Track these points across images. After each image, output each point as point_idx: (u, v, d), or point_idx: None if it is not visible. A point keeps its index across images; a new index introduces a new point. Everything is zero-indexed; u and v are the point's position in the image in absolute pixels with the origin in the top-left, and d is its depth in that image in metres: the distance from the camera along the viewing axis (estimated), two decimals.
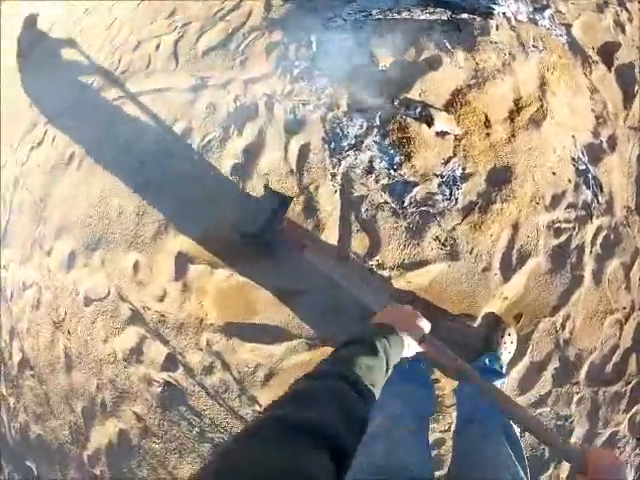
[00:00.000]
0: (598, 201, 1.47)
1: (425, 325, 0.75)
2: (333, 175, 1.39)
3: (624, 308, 1.50)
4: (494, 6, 1.45)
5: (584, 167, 1.45)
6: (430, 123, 1.32)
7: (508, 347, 1.35)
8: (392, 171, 1.36)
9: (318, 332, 1.36)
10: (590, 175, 1.45)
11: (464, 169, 1.35)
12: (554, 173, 1.41)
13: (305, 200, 1.39)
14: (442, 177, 1.34)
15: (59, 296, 1.52)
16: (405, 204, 1.34)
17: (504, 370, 1.31)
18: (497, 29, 1.43)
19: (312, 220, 1.38)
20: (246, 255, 1.36)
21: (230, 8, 1.73)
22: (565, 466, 1.48)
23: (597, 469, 0.66)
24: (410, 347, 0.71)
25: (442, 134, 1.34)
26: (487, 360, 1.30)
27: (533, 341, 1.41)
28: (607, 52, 1.62)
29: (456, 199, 1.33)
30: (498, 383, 1.25)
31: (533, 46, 1.45)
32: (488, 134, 1.34)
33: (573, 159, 1.45)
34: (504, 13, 1.47)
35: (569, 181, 1.44)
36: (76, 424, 1.50)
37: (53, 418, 1.53)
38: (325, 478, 0.37)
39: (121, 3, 1.89)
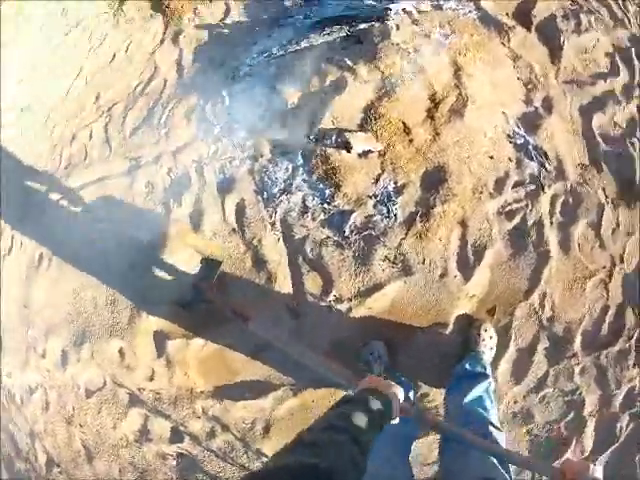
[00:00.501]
0: (546, 169, 1.40)
1: (399, 391, 0.82)
2: (272, 224, 1.40)
3: (604, 267, 1.44)
4: (391, 5, 1.40)
5: (522, 140, 1.39)
6: (349, 147, 1.30)
7: (488, 343, 1.33)
8: (326, 205, 1.35)
9: (297, 376, 1.40)
10: (531, 146, 1.39)
11: (396, 182, 1.33)
12: (491, 157, 1.36)
13: (252, 255, 1.41)
14: (376, 197, 1.33)
15: (63, 393, 1.62)
16: (346, 234, 1.34)
17: (487, 370, 1.29)
18: (398, 29, 1.38)
19: (263, 273, 1.40)
20: (209, 322, 1.40)
21: (147, 80, 1.75)
22: None
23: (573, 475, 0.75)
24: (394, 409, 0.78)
25: (365, 154, 1.32)
26: (467, 365, 1.28)
27: (514, 329, 1.38)
28: (523, 13, 1.53)
29: (395, 215, 1.32)
30: (484, 385, 1.24)
31: (440, 34, 1.39)
32: (411, 140, 1.31)
33: (509, 136, 1.39)
34: (404, 9, 1.42)
35: (510, 160, 1.38)
36: None
37: None
38: None
39: (52, 95, 1.93)
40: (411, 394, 1.27)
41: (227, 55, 1.60)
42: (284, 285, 1.37)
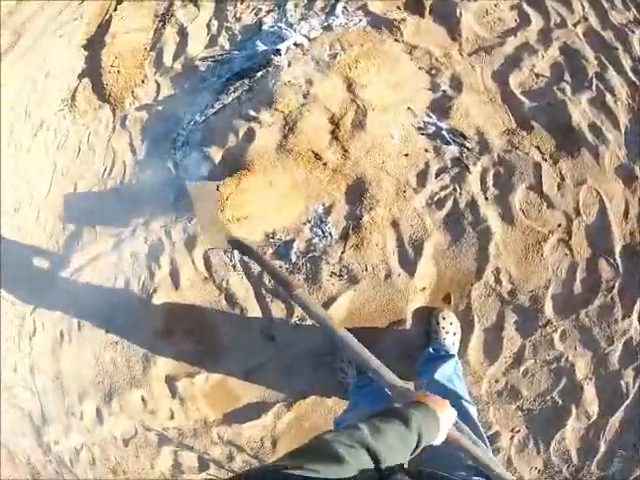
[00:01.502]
0: (468, 148, 1.41)
1: (453, 413, 0.78)
2: (234, 266, 1.58)
3: (559, 225, 1.40)
4: (280, 45, 1.51)
5: (434, 128, 1.41)
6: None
7: (449, 329, 1.37)
8: (271, 239, 1.50)
9: (286, 391, 1.55)
10: (445, 131, 1.40)
11: (324, 204, 1.43)
12: (406, 155, 1.41)
13: (225, 295, 1.60)
14: (310, 222, 1.44)
15: (104, 447, 1.88)
16: (294, 260, 1.47)
17: (451, 351, 1.33)
18: (290, 65, 1.48)
19: (237, 308, 1.58)
20: (207, 357, 1.62)
21: (110, 165, 1.98)
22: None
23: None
24: (442, 432, 0.72)
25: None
26: (431, 349, 1.33)
27: (475, 310, 1.40)
28: (414, 1, 1.54)
29: (330, 233, 1.42)
30: (451, 363, 1.27)
31: (329, 55, 1.47)
32: (325, 164, 1.41)
33: (419, 128, 1.42)
34: (295, 43, 1.52)
35: (426, 151, 1.41)
36: None
37: None
38: None
39: (37, 191, 2.13)
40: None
41: (166, 129, 1.82)
42: (255, 314, 1.54)
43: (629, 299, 1.39)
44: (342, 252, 1.42)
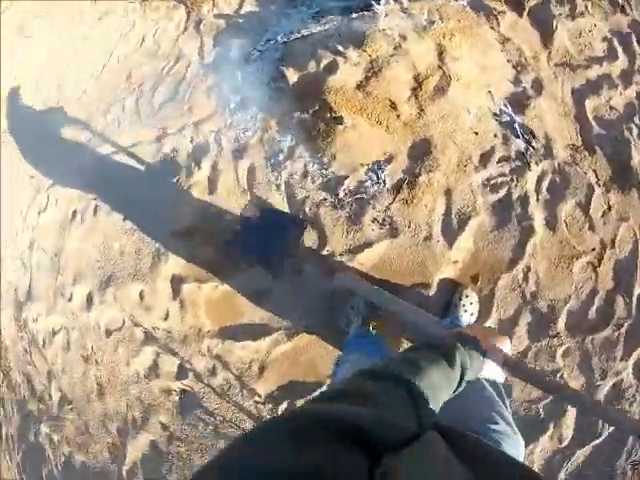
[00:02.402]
0: (533, 147, 1.46)
1: (506, 344, 0.72)
2: (277, 186, 1.57)
3: (593, 249, 1.45)
4: None
5: (508, 118, 1.46)
6: (341, 122, 1.45)
7: (468, 308, 1.38)
8: (324, 170, 1.50)
9: (294, 321, 1.53)
10: (517, 124, 1.46)
11: (385, 152, 1.44)
12: (476, 133, 1.45)
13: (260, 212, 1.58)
14: (367, 165, 1.45)
15: (84, 334, 1.83)
16: (341, 196, 1.47)
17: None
18: (386, 16, 1.52)
19: None
20: (223, 267, 1.58)
21: (173, 62, 2.01)
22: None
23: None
24: (491, 368, 0.67)
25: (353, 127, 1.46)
26: (449, 321, 1.34)
27: (497, 299, 1.43)
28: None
29: (384, 181, 1.43)
30: None
31: (427, 20, 1.52)
32: (398, 115, 1.43)
33: (495, 114, 1.47)
34: None
35: (495, 136, 1.46)
36: (114, 444, 1.73)
37: (93, 443, 1.75)
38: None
39: (87, 73, 2.21)
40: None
41: (242, 41, 1.82)
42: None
43: (632, 343, 1.43)
44: (390, 202, 1.43)
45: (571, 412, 1.42)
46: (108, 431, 1.76)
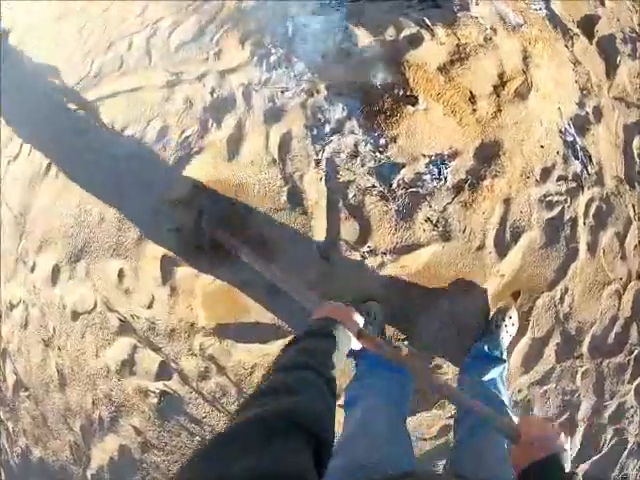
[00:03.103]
0: (588, 172, 1.45)
1: (359, 319, 0.77)
2: (317, 162, 1.35)
3: (621, 278, 1.49)
4: None
5: (572, 138, 1.43)
6: (414, 103, 1.29)
7: (510, 330, 1.32)
8: (378, 153, 1.32)
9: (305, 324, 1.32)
10: (578, 146, 1.43)
11: (451, 147, 1.32)
12: (542, 146, 1.39)
13: (290, 190, 1.35)
14: (430, 156, 1.31)
15: (47, 312, 1.45)
16: (393, 186, 1.30)
17: (504, 356, 1.28)
18: (477, 4, 1.40)
19: (298, 210, 1.33)
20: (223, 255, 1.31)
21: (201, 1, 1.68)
22: None
23: (528, 439, 0.62)
24: (352, 340, 0.73)
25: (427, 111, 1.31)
26: (486, 347, 1.26)
27: (533, 318, 1.39)
28: (587, 25, 1.60)
29: (445, 178, 1.30)
30: (499, 369, 1.22)
31: (513, 19, 1.43)
32: (474, 110, 1.32)
33: (560, 131, 1.43)
34: None
35: (557, 153, 1.42)
36: (76, 443, 1.44)
37: (52, 439, 1.47)
38: (310, 476, 0.36)
39: (92, 5, 1.82)
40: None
41: None
42: (318, 226, 1.31)
43: (639, 368, 1.50)
44: (448, 202, 1.31)
45: (579, 430, 1.46)
46: (70, 428, 1.42)
